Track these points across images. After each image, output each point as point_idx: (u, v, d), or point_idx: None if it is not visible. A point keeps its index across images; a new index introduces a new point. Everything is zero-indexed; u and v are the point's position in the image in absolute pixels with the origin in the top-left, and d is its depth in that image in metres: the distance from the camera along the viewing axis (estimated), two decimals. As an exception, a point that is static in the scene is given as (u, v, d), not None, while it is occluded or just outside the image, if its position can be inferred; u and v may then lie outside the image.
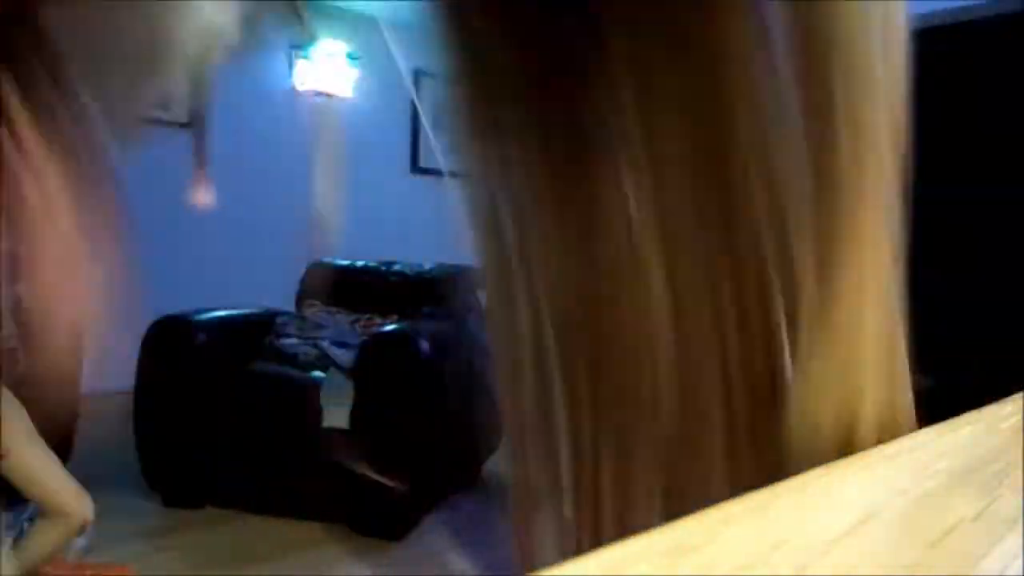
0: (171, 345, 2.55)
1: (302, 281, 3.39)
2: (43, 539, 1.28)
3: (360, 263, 3.40)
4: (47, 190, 0.69)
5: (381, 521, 2.44)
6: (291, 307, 3.26)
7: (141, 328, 2.58)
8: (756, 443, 0.44)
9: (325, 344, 2.70)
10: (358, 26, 4.80)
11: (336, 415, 2.42)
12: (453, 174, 0.58)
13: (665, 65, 0.43)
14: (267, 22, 4.27)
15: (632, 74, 0.43)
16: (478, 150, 0.56)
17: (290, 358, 2.67)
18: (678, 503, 0.46)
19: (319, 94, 4.63)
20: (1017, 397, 0.49)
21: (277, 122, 4.53)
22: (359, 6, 4.70)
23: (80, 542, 1.59)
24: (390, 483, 2.40)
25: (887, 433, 0.39)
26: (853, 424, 0.39)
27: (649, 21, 0.42)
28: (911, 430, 0.41)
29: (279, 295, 3.52)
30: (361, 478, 2.41)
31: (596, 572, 0.20)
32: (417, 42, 5.40)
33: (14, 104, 0.64)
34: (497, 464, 2.80)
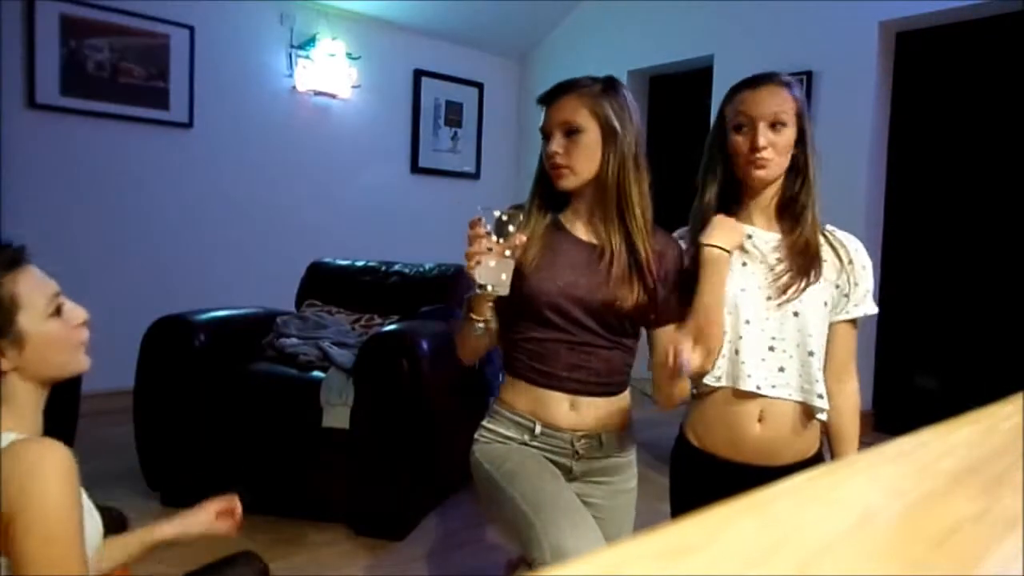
0: (171, 345, 2.55)
1: (302, 281, 3.39)
2: None
3: (360, 263, 3.40)
4: None
5: (381, 521, 2.44)
6: (291, 307, 3.26)
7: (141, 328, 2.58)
8: None
9: (325, 344, 2.70)
10: (358, 26, 4.79)
11: (336, 415, 2.42)
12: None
13: None
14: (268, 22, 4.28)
15: None
16: None
17: (290, 358, 2.67)
18: None
19: (319, 94, 4.63)
20: (1017, 397, 0.49)
21: (277, 122, 4.52)
22: (359, 6, 4.69)
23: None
24: (389, 483, 2.39)
25: None
26: None
27: None
28: None
29: (279, 295, 3.52)
30: (361, 478, 2.41)
31: (596, 572, 0.20)
32: (417, 42, 5.40)
33: None
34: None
